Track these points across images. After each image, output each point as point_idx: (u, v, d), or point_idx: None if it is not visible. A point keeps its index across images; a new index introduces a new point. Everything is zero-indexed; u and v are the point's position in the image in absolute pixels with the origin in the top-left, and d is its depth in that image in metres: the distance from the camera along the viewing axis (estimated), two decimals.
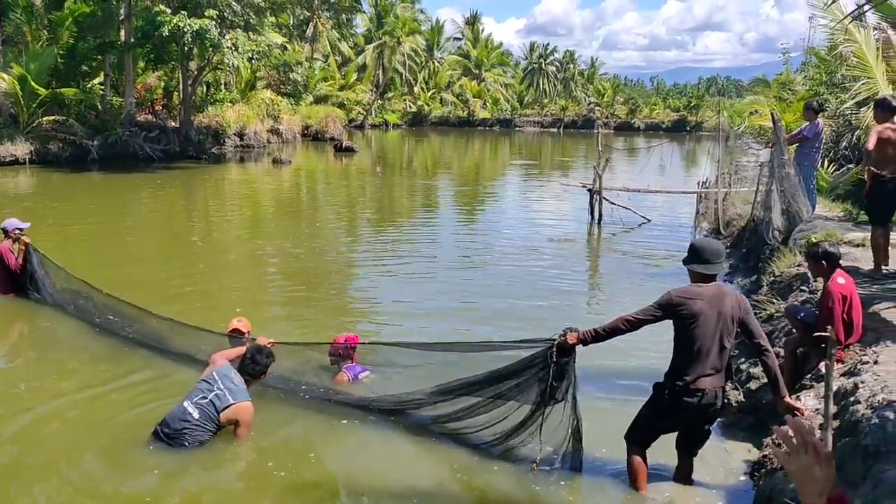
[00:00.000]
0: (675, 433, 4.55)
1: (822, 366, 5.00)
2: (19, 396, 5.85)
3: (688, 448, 4.56)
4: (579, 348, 4.56)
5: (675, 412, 4.37)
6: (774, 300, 7.44)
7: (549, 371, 4.61)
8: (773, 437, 4.67)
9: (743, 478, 4.69)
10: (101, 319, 7.38)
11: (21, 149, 23.06)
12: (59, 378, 6.30)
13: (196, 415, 4.89)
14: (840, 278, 5.29)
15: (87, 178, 21.83)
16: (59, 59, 24.32)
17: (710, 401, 4.31)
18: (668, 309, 4.34)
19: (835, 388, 4.27)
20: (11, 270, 8.47)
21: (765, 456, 4.61)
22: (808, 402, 4.92)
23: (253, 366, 5.23)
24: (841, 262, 5.58)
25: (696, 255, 4.46)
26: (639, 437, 4.52)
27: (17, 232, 8.60)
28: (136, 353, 6.76)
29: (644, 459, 4.50)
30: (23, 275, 8.49)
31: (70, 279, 8.00)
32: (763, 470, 4.50)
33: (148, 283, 9.62)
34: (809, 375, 5.37)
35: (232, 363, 5.32)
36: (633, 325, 4.41)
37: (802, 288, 7.26)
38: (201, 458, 4.86)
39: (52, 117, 23.94)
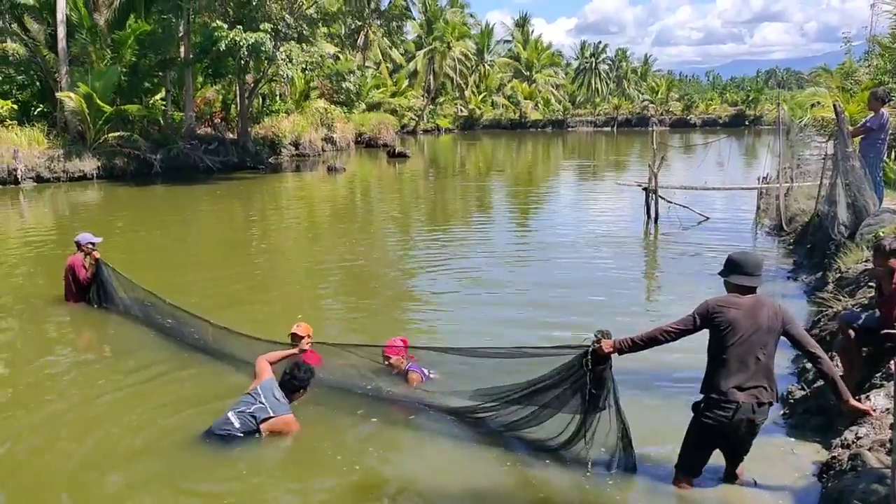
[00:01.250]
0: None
1: (892, 364, 4.83)
2: (87, 388, 6.11)
3: (730, 459, 4.50)
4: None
5: (713, 429, 4.27)
6: (841, 297, 7.20)
7: (586, 378, 4.58)
8: (842, 437, 4.54)
9: (811, 479, 4.57)
10: (165, 325, 7.71)
11: (89, 165, 24.05)
12: (122, 376, 6.59)
13: (237, 424, 5.18)
14: None
15: (151, 190, 22.58)
16: (122, 77, 25.22)
17: (746, 415, 4.19)
18: (705, 316, 4.29)
19: None
20: (81, 282, 8.86)
21: (834, 457, 4.47)
22: (879, 401, 4.75)
23: (293, 381, 5.50)
24: None
25: (735, 268, 4.40)
26: (687, 462, 4.45)
27: (90, 246, 8.95)
28: (196, 357, 7.02)
29: (690, 485, 4.45)
30: (90, 286, 8.88)
31: (136, 289, 8.34)
32: (832, 471, 4.37)
33: (209, 289, 9.99)
34: (880, 374, 5.20)
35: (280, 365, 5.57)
36: (671, 335, 4.36)
37: (871, 284, 7.02)
38: (265, 454, 5.04)
39: (116, 133, 24.85)
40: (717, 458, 4.53)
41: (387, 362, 6.24)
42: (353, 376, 6.18)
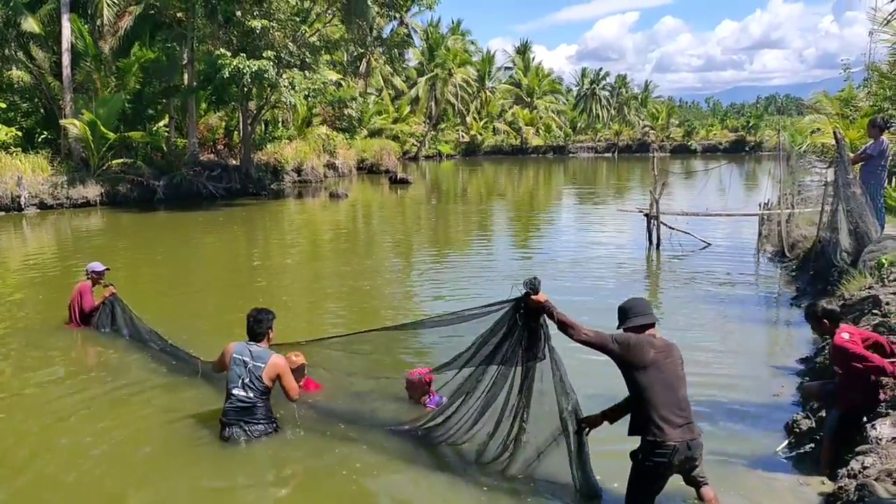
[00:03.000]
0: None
1: None
2: (95, 410, 6.08)
3: (694, 485, 4.45)
4: None
5: (656, 471, 4.25)
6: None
7: (521, 330, 4.74)
8: (848, 467, 4.50)
9: None
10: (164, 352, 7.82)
11: (92, 191, 24.14)
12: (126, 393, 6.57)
13: (248, 394, 5.53)
14: (844, 333, 5.12)
15: (154, 217, 22.64)
16: (126, 104, 25.44)
17: (683, 454, 4.19)
18: (622, 345, 4.32)
19: None
20: (84, 308, 8.93)
21: (840, 487, 4.42)
22: (885, 430, 4.72)
23: (258, 325, 5.73)
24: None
25: (630, 312, 4.52)
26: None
27: (95, 275, 9.10)
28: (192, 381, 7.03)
29: None
30: (94, 313, 8.94)
31: (141, 323, 8.45)
32: (838, 502, 4.32)
33: (209, 313, 10.06)
34: (884, 402, 5.16)
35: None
36: (578, 335, 4.41)
37: (874, 312, 7.00)
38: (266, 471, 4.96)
39: (120, 160, 24.99)
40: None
41: (410, 392, 6.25)
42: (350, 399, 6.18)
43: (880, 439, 4.66)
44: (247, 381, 5.54)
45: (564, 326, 4.49)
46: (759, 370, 7.38)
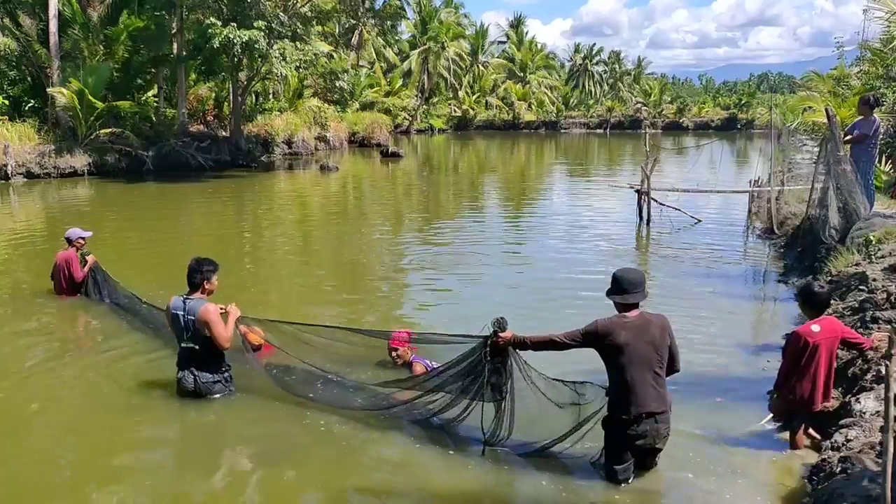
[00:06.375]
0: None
1: (883, 366, 4.85)
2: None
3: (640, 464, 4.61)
4: None
5: (625, 444, 4.44)
6: (832, 301, 7.22)
7: (485, 367, 4.82)
8: (831, 440, 4.56)
9: (801, 482, 4.58)
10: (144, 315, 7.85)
11: (80, 161, 23.90)
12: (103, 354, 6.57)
13: (192, 345, 5.71)
14: (815, 326, 4.89)
15: (143, 188, 22.46)
16: (114, 73, 25.06)
17: (655, 433, 4.39)
18: (592, 337, 4.45)
19: None
20: (76, 278, 8.86)
21: (824, 460, 4.49)
22: (869, 404, 4.78)
23: (193, 276, 5.84)
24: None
25: (615, 285, 4.55)
26: (613, 471, 4.52)
27: (81, 241, 9.00)
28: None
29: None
30: (84, 282, 8.92)
31: (121, 289, 8.55)
32: (822, 474, 4.38)
33: None
34: (869, 377, 5.22)
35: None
36: (558, 346, 4.57)
37: (861, 288, 7.06)
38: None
39: (108, 130, 24.67)
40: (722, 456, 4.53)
41: (394, 353, 6.33)
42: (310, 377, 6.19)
43: (864, 413, 4.72)
44: (187, 334, 5.71)
45: (543, 346, 4.66)
46: (746, 344, 7.45)
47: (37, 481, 4.76)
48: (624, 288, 4.50)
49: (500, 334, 4.71)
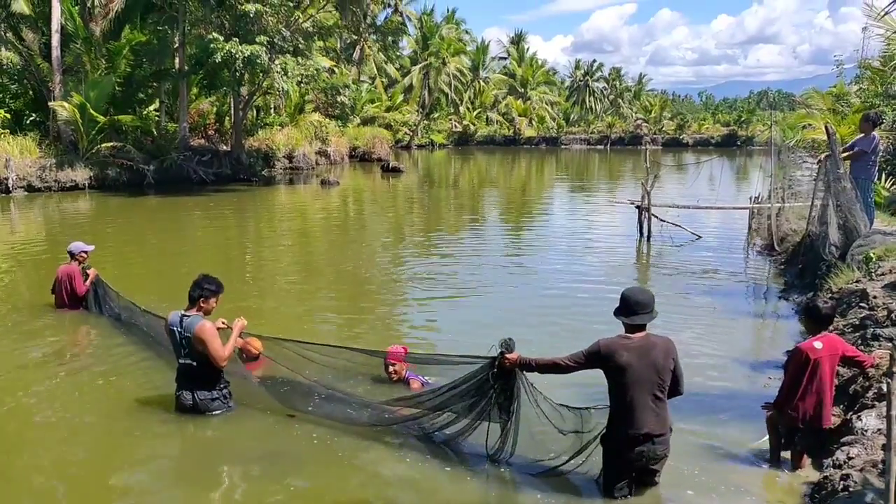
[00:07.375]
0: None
1: (884, 384, 4.83)
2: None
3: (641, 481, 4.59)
4: None
5: (621, 462, 4.44)
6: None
7: (493, 387, 4.82)
8: (833, 457, 4.53)
9: (803, 500, 4.55)
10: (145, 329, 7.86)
11: (81, 174, 23.93)
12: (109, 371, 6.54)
13: (189, 361, 5.67)
14: (818, 342, 4.85)
15: (144, 201, 22.49)
16: (116, 87, 25.16)
17: (652, 454, 4.38)
18: (594, 358, 4.43)
19: None
20: (77, 292, 8.88)
21: (826, 477, 4.46)
22: (870, 421, 4.75)
23: (192, 290, 5.79)
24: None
25: (625, 306, 4.50)
26: (611, 488, 4.51)
27: (83, 255, 9.04)
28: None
29: None
30: (86, 296, 8.94)
31: (121, 299, 8.52)
32: (823, 492, 4.36)
33: None
34: (871, 395, 5.20)
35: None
36: (562, 369, 4.56)
37: (861, 305, 7.05)
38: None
39: (110, 143, 24.73)
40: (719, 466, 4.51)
41: (391, 367, 6.30)
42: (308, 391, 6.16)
43: (866, 430, 4.70)
44: (184, 351, 5.70)
45: (548, 369, 4.65)
46: (747, 361, 7.42)
47: (36, 499, 4.73)
48: (632, 309, 4.45)
49: (507, 355, 4.68)
